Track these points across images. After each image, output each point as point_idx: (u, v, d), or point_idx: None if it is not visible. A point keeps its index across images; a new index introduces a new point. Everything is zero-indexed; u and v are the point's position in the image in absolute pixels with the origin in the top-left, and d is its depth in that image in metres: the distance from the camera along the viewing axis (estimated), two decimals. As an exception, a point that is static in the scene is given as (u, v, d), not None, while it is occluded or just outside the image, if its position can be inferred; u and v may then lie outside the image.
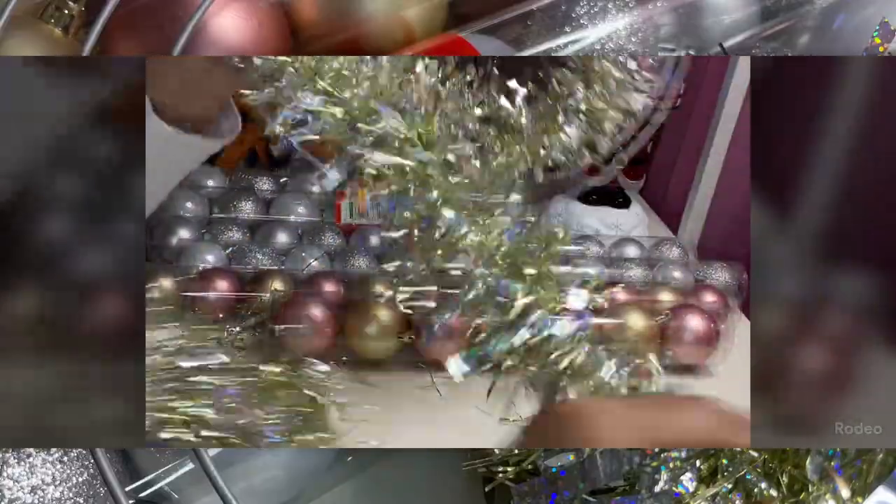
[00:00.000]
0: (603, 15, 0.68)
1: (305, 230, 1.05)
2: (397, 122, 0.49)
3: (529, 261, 0.49)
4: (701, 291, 1.03)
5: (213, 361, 0.61)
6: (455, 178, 0.50)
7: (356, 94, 0.51)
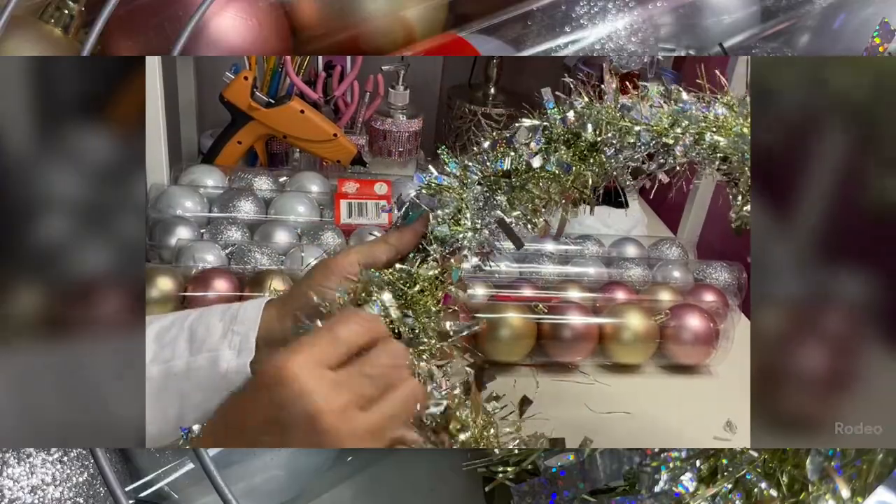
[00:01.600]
0: (603, 15, 0.68)
1: (305, 230, 1.05)
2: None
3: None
4: (700, 291, 1.03)
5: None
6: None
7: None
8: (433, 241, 0.57)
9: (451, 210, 0.57)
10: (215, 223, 1.04)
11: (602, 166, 0.60)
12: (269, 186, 1.14)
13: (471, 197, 0.58)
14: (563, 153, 0.59)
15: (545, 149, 0.59)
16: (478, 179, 0.59)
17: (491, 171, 0.59)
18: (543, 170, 0.58)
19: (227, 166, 1.16)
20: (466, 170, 0.59)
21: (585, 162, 0.59)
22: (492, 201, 0.59)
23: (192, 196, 1.07)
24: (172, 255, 0.97)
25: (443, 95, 1.44)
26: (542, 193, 0.59)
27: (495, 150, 0.60)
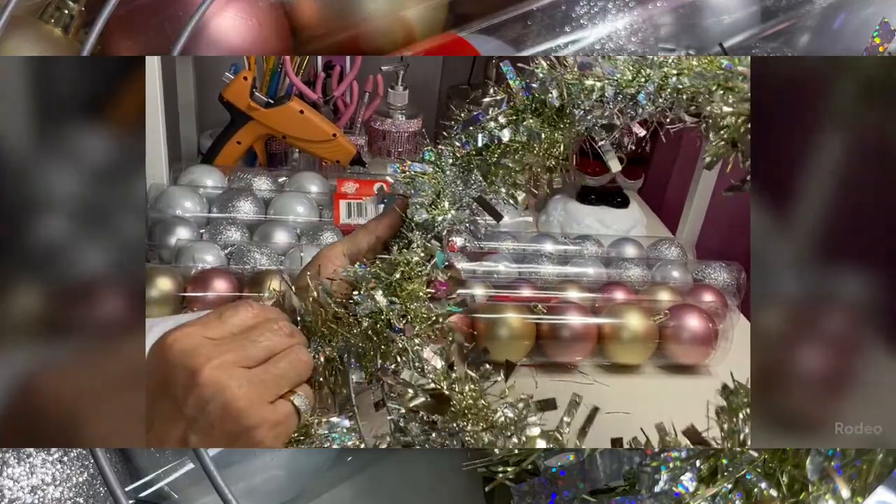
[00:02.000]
0: (603, 15, 0.68)
1: (304, 230, 1.05)
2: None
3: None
4: (699, 291, 1.03)
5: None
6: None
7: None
8: (414, 227, 0.57)
9: (428, 194, 0.58)
10: (215, 223, 1.04)
11: (571, 128, 0.60)
12: (268, 186, 1.14)
13: (447, 180, 0.59)
14: (531, 122, 0.59)
15: (513, 120, 0.60)
16: (451, 162, 0.60)
17: (464, 152, 0.60)
18: (514, 141, 0.59)
19: (227, 166, 1.16)
20: (441, 155, 0.60)
21: (555, 127, 0.60)
22: (469, 181, 0.59)
23: (191, 196, 1.07)
24: (172, 256, 0.97)
25: (442, 96, 1.44)
26: (517, 166, 0.59)
27: (466, 131, 0.61)
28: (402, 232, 0.58)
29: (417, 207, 0.58)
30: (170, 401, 0.47)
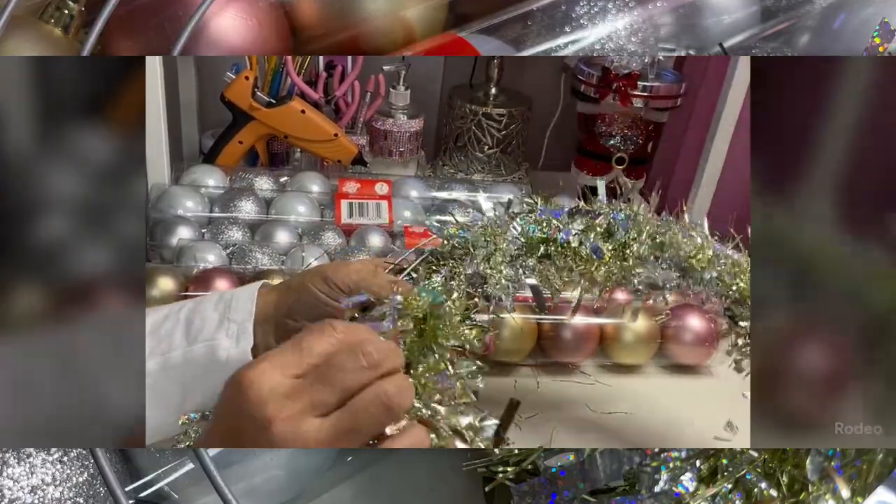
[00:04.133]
0: (603, 15, 0.68)
1: (305, 230, 1.05)
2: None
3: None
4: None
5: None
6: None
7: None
8: (462, 278, 0.59)
9: (483, 251, 0.60)
10: (216, 223, 1.04)
11: (623, 269, 0.64)
12: (269, 186, 1.14)
13: (507, 246, 0.61)
14: (599, 241, 0.63)
15: (583, 230, 0.63)
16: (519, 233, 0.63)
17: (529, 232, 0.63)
18: (576, 249, 0.63)
19: (228, 166, 1.16)
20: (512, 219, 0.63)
21: (614, 258, 0.64)
22: (523, 258, 0.62)
23: (193, 196, 1.07)
24: (173, 255, 0.97)
25: (444, 95, 1.43)
26: (561, 270, 0.63)
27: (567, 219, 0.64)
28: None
29: (468, 259, 0.60)
30: (239, 437, 0.45)
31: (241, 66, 1.15)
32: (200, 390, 0.57)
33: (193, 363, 0.57)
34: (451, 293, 0.55)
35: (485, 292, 0.59)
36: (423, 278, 0.58)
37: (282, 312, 0.60)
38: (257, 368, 0.45)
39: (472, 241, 0.61)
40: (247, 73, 1.12)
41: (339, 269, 0.59)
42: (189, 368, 0.57)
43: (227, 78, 1.14)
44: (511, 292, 0.61)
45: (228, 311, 0.59)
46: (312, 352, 0.46)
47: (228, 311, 0.59)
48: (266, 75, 1.20)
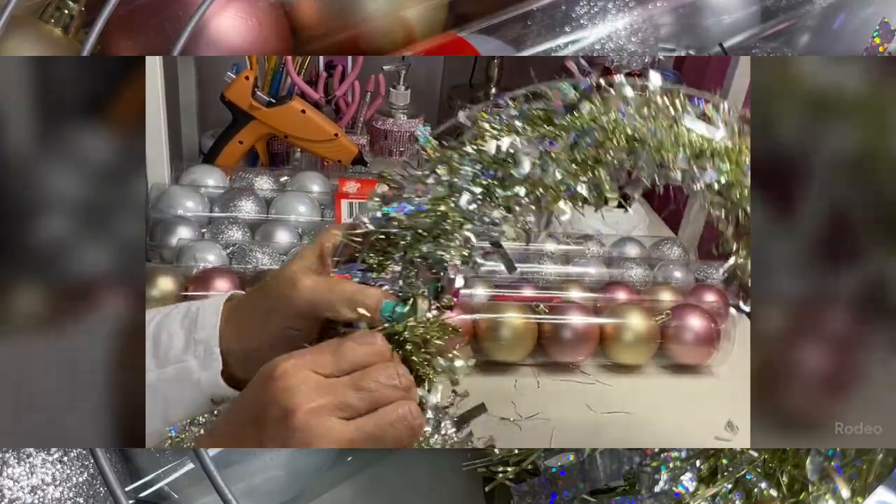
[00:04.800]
0: (603, 15, 0.68)
1: (306, 230, 1.05)
2: None
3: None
4: (701, 291, 1.03)
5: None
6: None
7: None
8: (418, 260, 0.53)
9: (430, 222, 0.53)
10: (216, 223, 1.04)
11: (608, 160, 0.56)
12: (269, 186, 1.14)
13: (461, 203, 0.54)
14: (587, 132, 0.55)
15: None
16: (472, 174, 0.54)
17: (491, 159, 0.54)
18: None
19: (228, 166, 1.16)
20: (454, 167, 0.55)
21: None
22: (489, 202, 0.54)
23: (192, 196, 1.07)
24: (173, 255, 0.97)
25: (443, 95, 1.44)
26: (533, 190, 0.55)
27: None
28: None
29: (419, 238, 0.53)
30: (256, 429, 0.45)
31: (241, 66, 1.15)
32: (182, 404, 0.56)
33: (168, 384, 0.56)
34: (415, 308, 0.52)
35: (444, 273, 0.53)
36: (376, 268, 0.54)
37: (252, 325, 0.56)
38: (291, 361, 0.46)
39: (408, 219, 0.54)
40: (247, 73, 1.12)
41: (292, 296, 0.54)
42: (166, 387, 0.56)
43: (227, 78, 1.14)
44: (478, 260, 0.54)
45: (194, 329, 0.57)
46: (348, 358, 0.47)
47: (194, 328, 0.57)
48: (266, 75, 1.20)
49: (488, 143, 0.55)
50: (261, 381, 0.46)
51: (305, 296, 0.53)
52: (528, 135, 0.55)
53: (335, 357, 0.47)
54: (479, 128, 0.57)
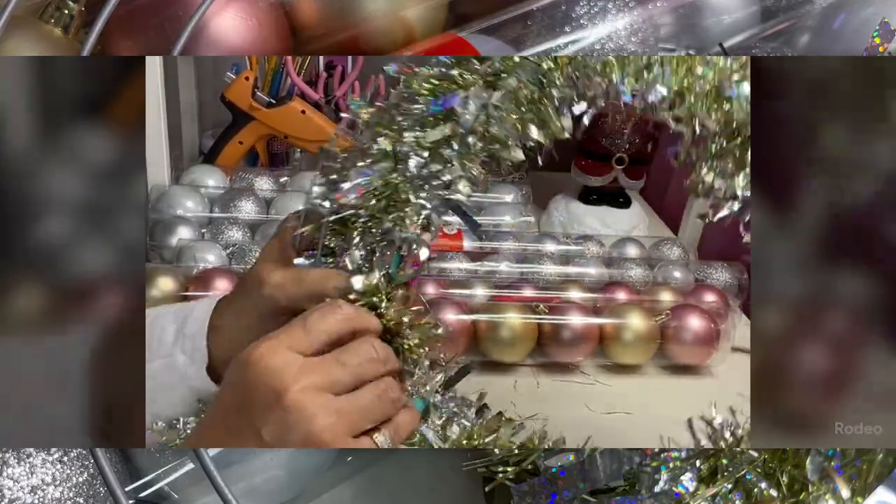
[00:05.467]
0: (603, 15, 0.68)
1: (306, 230, 1.05)
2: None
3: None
4: (701, 291, 1.03)
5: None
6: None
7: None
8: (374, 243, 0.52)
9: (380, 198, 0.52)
10: (216, 223, 1.04)
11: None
12: (269, 186, 1.14)
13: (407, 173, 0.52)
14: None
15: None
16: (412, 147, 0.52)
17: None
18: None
19: (228, 166, 1.16)
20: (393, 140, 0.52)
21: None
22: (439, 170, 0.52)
23: (192, 196, 1.07)
24: (173, 255, 0.97)
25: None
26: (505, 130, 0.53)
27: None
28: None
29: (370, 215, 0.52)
30: (247, 418, 0.45)
31: (241, 67, 1.15)
32: (169, 397, 0.56)
33: (155, 379, 0.55)
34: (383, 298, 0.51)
35: (406, 246, 0.51)
36: (338, 251, 0.52)
37: (242, 321, 0.56)
38: (264, 346, 0.45)
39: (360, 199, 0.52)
40: (247, 74, 1.12)
41: (262, 294, 0.53)
42: (153, 380, 0.55)
43: (227, 78, 1.14)
44: (437, 225, 0.53)
45: (185, 325, 0.57)
46: (318, 330, 0.47)
47: (185, 323, 0.57)
48: (266, 75, 1.20)
49: (424, 101, 0.53)
50: (239, 368, 0.45)
51: (273, 292, 0.53)
52: (466, 82, 0.53)
53: (305, 332, 0.46)
54: (412, 85, 0.54)
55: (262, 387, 0.44)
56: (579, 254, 1.11)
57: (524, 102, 0.53)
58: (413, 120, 0.53)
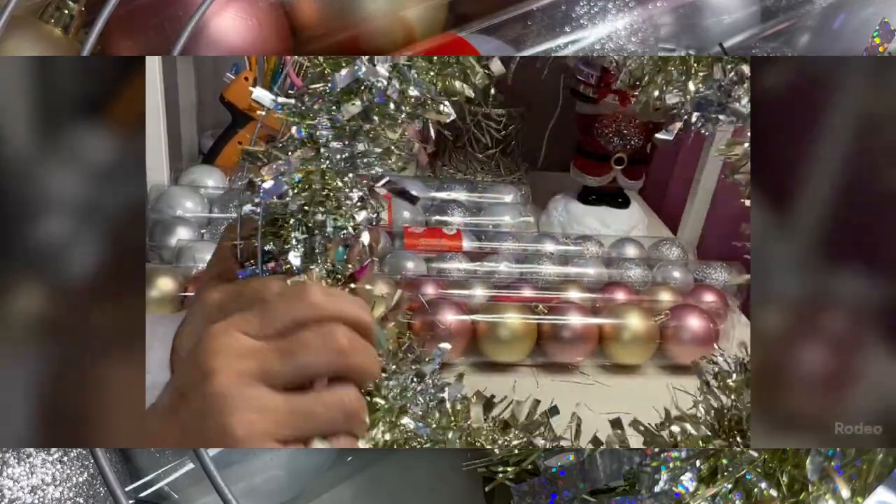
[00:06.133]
0: (603, 15, 0.68)
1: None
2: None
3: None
4: (700, 291, 1.03)
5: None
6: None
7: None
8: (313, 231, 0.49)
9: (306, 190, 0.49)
10: (215, 223, 1.04)
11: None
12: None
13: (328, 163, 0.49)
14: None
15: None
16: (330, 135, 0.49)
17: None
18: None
19: (228, 167, 1.16)
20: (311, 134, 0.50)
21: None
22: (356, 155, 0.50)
23: (192, 196, 1.07)
24: (172, 256, 0.97)
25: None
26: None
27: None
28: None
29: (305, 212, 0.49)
30: (174, 394, 0.41)
31: (240, 67, 1.15)
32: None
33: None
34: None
35: (347, 235, 0.49)
36: (278, 254, 0.49)
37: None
38: (220, 323, 0.42)
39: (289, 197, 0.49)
40: (246, 74, 1.12)
41: (204, 314, 0.49)
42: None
43: (227, 78, 1.14)
44: (372, 206, 0.51)
45: (151, 348, 0.53)
46: (278, 315, 0.42)
47: (151, 347, 0.53)
48: (265, 76, 1.20)
49: (332, 76, 0.50)
50: (187, 347, 0.42)
51: (211, 311, 0.48)
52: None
53: (263, 316, 0.42)
54: (314, 64, 0.52)
55: (196, 366, 0.40)
56: (578, 254, 1.11)
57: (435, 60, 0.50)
58: (324, 102, 0.50)
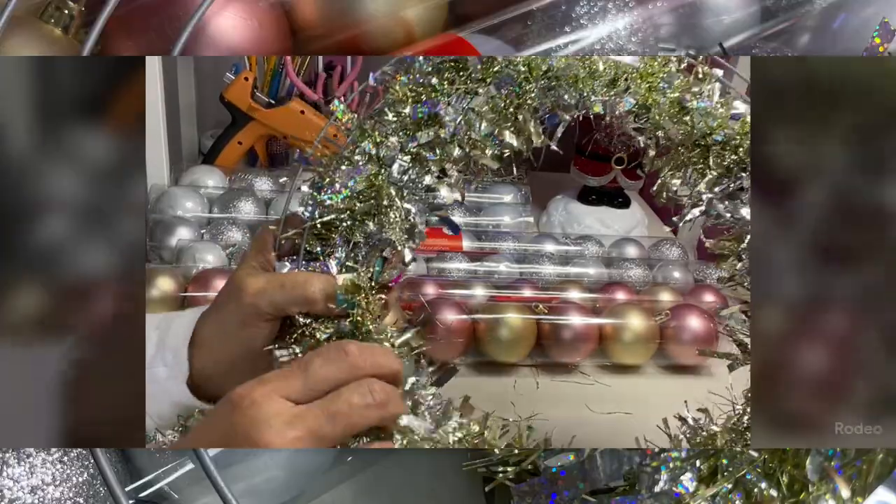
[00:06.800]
0: (603, 15, 0.68)
1: (305, 230, 1.05)
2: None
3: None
4: (700, 291, 1.03)
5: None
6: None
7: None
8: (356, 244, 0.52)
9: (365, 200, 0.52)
10: (216, 223, 1.04)
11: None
12: (269, 187, 1.14)
13: (390, 178, 0.53)
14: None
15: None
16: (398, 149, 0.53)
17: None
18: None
19: (228, 167, 1.16)
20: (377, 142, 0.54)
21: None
22: (421, 174, 0.53)
23: (192, 196, 1.07)
24: (173, 256, 0.97)
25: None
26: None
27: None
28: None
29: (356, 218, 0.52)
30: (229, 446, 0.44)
31: (240, 67, 1.15)
32: (155, 413, 0.55)
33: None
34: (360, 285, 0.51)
35: (390, 249, 0.52)
36: (320, 255, 0.52)
37: (224, 331, 0.55)
38: (259, 389, 0.44)
39: (343, 203, 0.52)
40: (246, 74, 1.12)
41: (242, 301, 0.52)
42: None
43: (227, 79, 1.14)
44: (418, 229, 0.53)
45: (167, 335, 0.56)
46: (318, 377, 0.45)
47: (167, 334, 0.56)
48: (265, 76, 1.20)
49: (408, 106, 0.54)
50: (228, 408, 0.44)
51: (253, 300, 0.51)
52: (446, 90, 0.54)
53: (305, 379, 0.44)
54: (395, 91, 0.56)
55: (245, 436, 0.42)
56: (578, 254, 1.11)
57: (501, 109, 0.54)
58: (397, 125, 0.54)
